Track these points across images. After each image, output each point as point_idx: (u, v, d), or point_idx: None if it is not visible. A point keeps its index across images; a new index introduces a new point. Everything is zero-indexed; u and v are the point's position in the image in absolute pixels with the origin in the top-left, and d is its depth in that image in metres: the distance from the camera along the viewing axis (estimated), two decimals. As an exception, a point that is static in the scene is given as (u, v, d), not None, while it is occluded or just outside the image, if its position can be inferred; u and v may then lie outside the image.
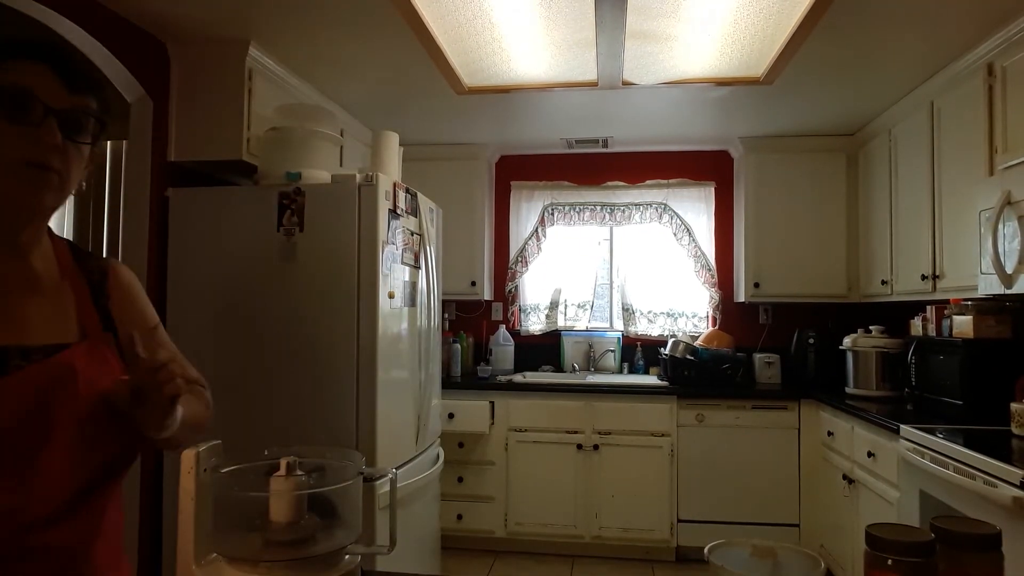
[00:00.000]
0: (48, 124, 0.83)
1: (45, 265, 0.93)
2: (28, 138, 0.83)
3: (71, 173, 0.87)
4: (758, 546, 0.79)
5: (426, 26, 2.49)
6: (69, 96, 0.86)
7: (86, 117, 0.88)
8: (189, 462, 0.80)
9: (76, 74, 0.88)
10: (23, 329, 0.87)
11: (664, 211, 4.36)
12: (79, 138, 0.87)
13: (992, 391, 2.51)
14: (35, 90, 0.84)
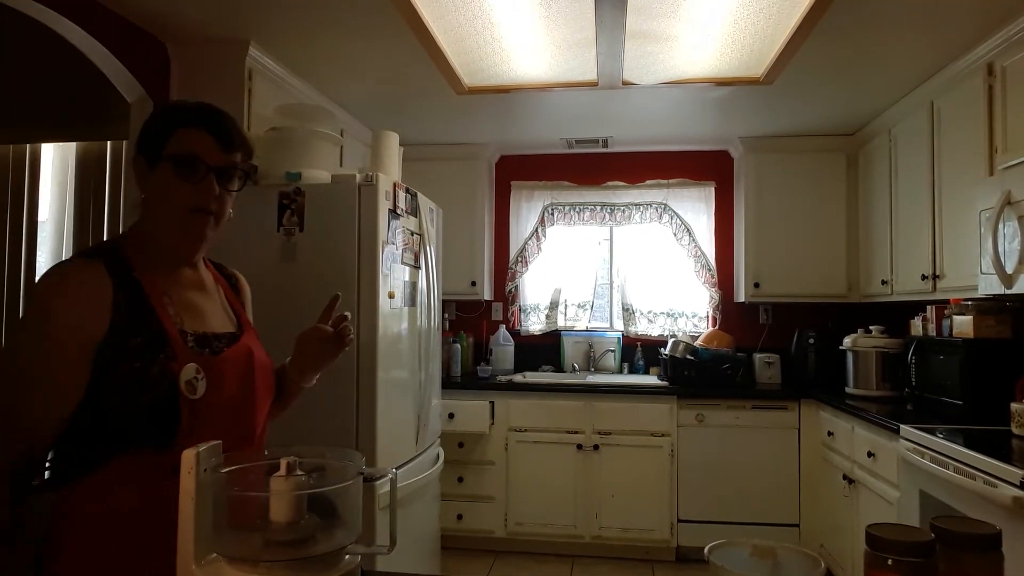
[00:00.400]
0: (208, 180, 1.12)
1: (206, 274, 1.26)
2: (194, 191, 1.11)
3: (224, 212, 1.17)
4: (758, 546, 0.79)
5: (426, 26, 2.49)
6: (223, 154, 1.13)
7: (235, 170, 1.16)
8: (189, 462, 0.80)
9: (228, 136, 1.14)
10: (206, 321, 1.19)
11: (664, 211, 4.36)
12: (230, 187, 1.16)
13: (992, 391, 2.51)
14: (200, 154, 1.11)
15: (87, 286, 1.06)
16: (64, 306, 1.05)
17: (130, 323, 1.07)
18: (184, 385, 1.07)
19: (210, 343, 1.16)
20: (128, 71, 2.46)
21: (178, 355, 1.08)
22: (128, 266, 1.12)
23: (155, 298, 1.11)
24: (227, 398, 1.13)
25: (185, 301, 1.17)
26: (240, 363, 1.18)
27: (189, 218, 1.13)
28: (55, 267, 1.09)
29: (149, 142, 1.13)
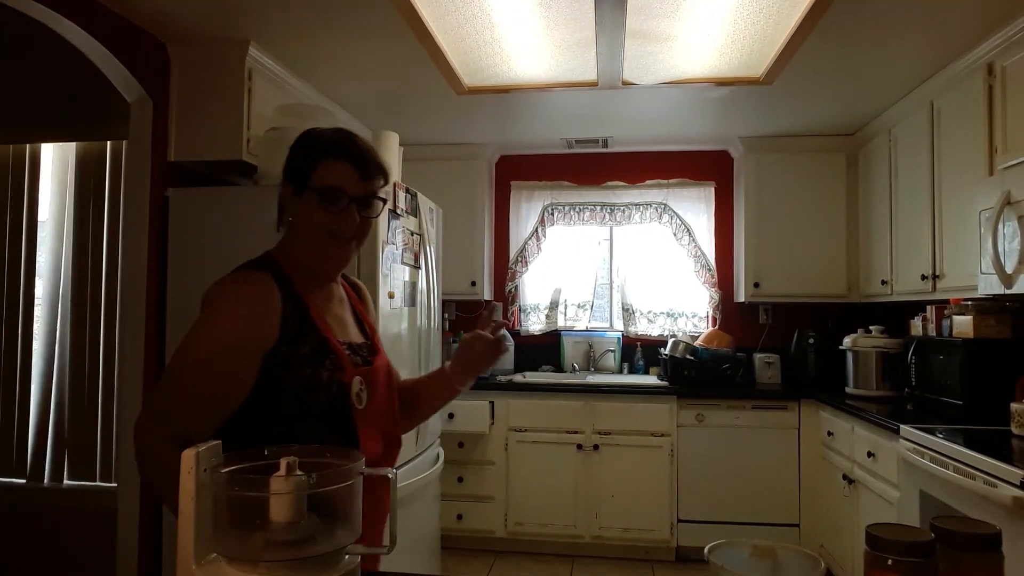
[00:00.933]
0: (349, 209, 1.19)
1: (339, 287, 1.34)
2: (336, 219, 1.19)
3: (365, 235, 1.25)
4: (758, 546, 0.79)
5: (426, 26, 2.49)
6: (363, 184, 1.20)
7: (375, 198, 1.22)
8: (189, 462, 0.80)
9: (368, 166, 1.20)
10: (348, 331, 1.28)
11: (664, 211, 4.36)
12: (369, 214, 1.23)
13: (992, 391, 2.51)
14: (343, 187, 1.18)
15: (261, 296, 1.16)
16: (238, 312, 1.14)
17: (298, 333, 1.16)
18: (354, 397, 1.17)
19: (359, 352, 1.26)
20: (128, 71, 2.46)
21: (345, 367, 1.18)
22: (289, 279, 1.21)
23: (314, 310, 1.21)
24: (379, 405, 1.24)
25: (332, 313, 1.27)
26: (383, 372, 1.27)
27: (332, 243, 1.21)
28: (229, 275, 1.22)
29: (296, 172, 1.22)
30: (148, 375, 2.52)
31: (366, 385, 1.20)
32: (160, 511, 2.53)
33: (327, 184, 1.18)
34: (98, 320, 3.07)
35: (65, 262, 3.13)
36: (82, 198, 3.12)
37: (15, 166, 3.19)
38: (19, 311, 3.16)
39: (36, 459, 3.11)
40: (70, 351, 3.10)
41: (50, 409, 3.10)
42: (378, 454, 1.22)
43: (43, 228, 3.17)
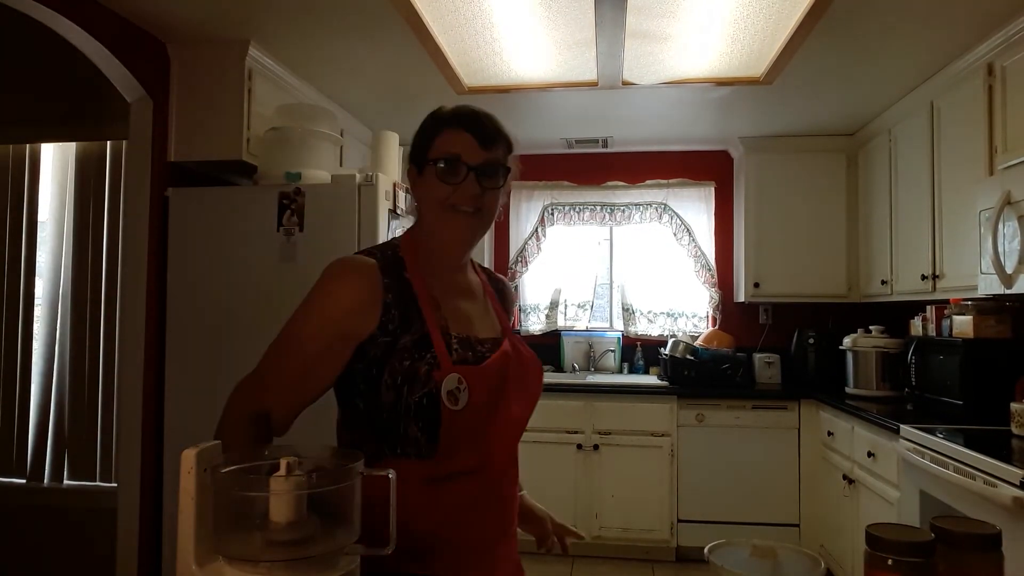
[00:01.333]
0: (468, 180, 1.12)
1: (475, 280, 1.27)
2: (455, 191, 1.12)
3: (489, 209, 1.16)
4: (758, 546, 0.79)
5: (426, 26, 2.49)
6: (482, 151, 1.13)
7: (496, 166, 1.15)
8: (189, 462, 0.80)
9: (487, 132, 1.15)
10: (473, 325, 1.19)
11: (664, 211, 4.36)
12: (491, 184, 1.15)
13: (992, 391, 2.51)
14: (459, 155, 1.12)
15: (360, 283, 1.13)
16: (335, 297, 1.14)
17: (401, 323, 1.11)
18: (445, 396, 1.06)
19: (473, 347, 1.15)
20: (128, 71, 2.46)
21: (441, 362, 1.09)
22: (401, 266, 1.17)
23: (423, 299, 1.14)
24: (481, 408, 1.10)
25: (453, 305, 1.18)
26: (495, 372, 1.15)
27: (453, 218, 1.15)
28: (339, 259, 1.20)
29: (417, 150, 1.20)
30: (148, 375, 2.52)
31: (468, 384, 1.08)
32: (160, 511, 2.53)
33: (444, 153, 1.14)
34: (98, 320, 3.07)
35: (65, 262, 3.13)
36: (82, 198, 3.12)
37: (15, 166, 3.19)
38: (19, 311, 3.16)
39: (36, 459, 3.11)
40: (70, 351, 3.10)
41: (50, 409, 3.10)
42: (472, 465, 1.10)
43: (43, 228, 3.17)
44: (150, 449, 2.52)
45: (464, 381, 1.08)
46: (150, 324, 2.53)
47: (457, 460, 1.09)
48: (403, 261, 1.18)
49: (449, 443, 1.07)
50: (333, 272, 1.18)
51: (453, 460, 1.08)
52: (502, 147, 1.18)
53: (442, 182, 1.13)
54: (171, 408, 2.50)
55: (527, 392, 1.20)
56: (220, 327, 2.46)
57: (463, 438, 1.08)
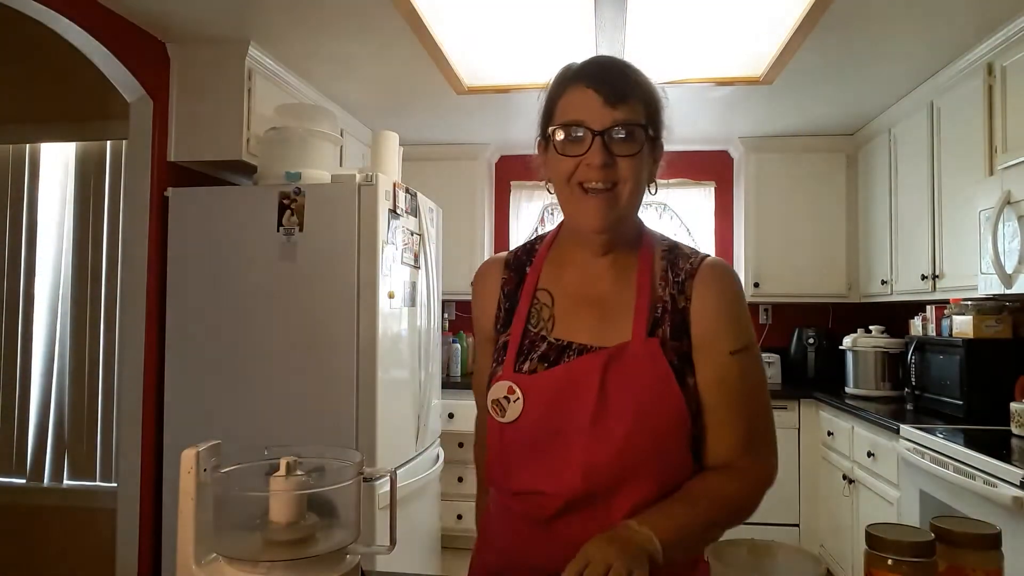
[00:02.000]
0: (594, 148, 0.92)
1: (629, 266, 1.01)
2: (580, 165, 0.93)
3: (625, 184, 0.94)
4: (758, 546, 0.78)
5: (426, 26, 2.49)
6: (611, 111, 0.92)
7: (630, 127, 0.93)
8: (189, 462, 0.80)
9: (616, 87, 0.93)
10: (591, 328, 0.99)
11: (664, 211, 4.36)
12: (625, 151, 0.93)
13: (992, 391, 2.51)
14: (581, 119, 0.93)
15: (483, 282, 1.09)
16: (473, 301, 1.12)
17: (504, 320, 1.03)
18: (491, 405, 0.96)
19: (566, 354, 0.97)
20: (128, 71, 2.46)
21: (504, 367, 0.97)
22: (532, 256, 1.07)
23: (526, 294, 1.03)
24: (545, 427, 0.94)
25: (573, 302, 1.01)
26: (561, 383, 0.95)
27: (580, 198, 0.96)
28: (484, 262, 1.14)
29: (542, 119, 1.01)
30: (148, 375, 2.52)
31: (523, 395, 0.94)
32: (160, 511, 2.53)
33: (564, 119, 0.95)
34: (98, 320, 3.07)
35: (65, 262, 3.13)
36: (82, 198, 3.12)
37: (15, 166, 3.19)
38: (19, 311, 3.16)
39: (36, 459, 3.11)
40: (70, 351, 3.10)
41: (50, 409, 3.10)
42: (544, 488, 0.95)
43: (43, 228, 3.17)
44: (150, 449, 2.52)
45: (518, 391, 0.95)
46: (150, 324, 2.53)
47: (522, 478, 0.97)
48: (536, 250, 1.08)
49: (504, 458, 0.98)
50: (477, 273, 1.14)
51: (515, 478, 0.97)
52: (639, 103, 0.95)
53: (564, 155, 0.95)
54: (171, 408, 2.50)
55: (629, 410, 0.92)
56: (220, 327, 2.46)
57: (522, 454, 0.96)
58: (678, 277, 0.99)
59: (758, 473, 0.98)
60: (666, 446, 0.93)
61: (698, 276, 0.98)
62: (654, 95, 0.97)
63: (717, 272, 0.99)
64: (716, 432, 0.96)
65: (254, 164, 2.63)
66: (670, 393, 0.93)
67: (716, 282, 0.98)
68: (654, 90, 0.98)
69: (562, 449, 0.94)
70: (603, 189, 0.94)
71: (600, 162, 0.92)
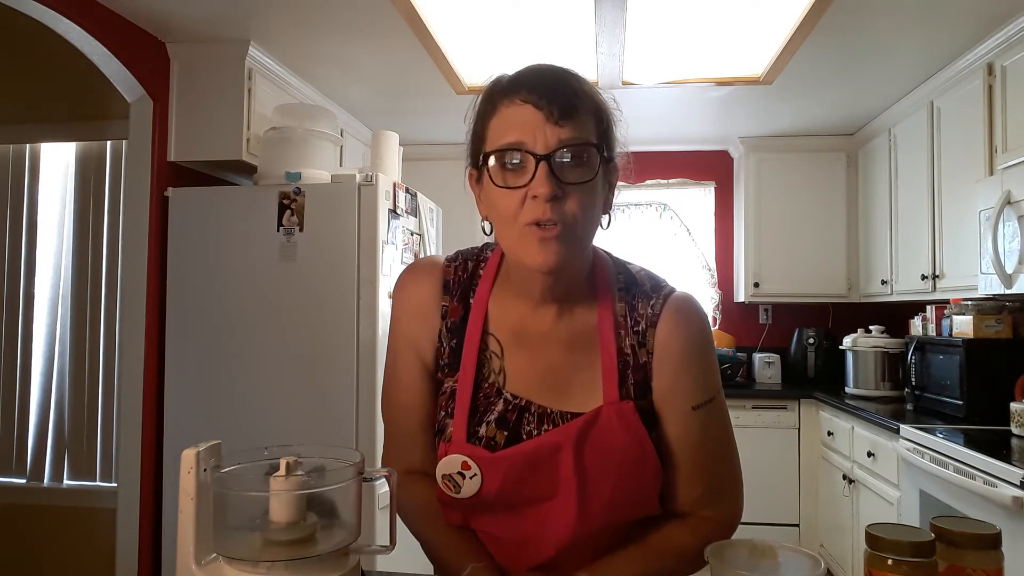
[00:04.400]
0: (537, 177, 0.76)
1: (586, 315, 0.88)
2: (524, 198, 0.77)
3: (578, 221, 0.78)
4: (758, 546, 0.78)
5: (426, 26, 2.49)
6: (553, 127, 0.77)
7: (581, 147, 0.78)
8: (189, 462, 0.80)
9: (563, 99, 0.78)
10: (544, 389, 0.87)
11: (664, 211, 4.36)
12: (577, 176, 0.77)
13: (992, 391, 2.51)
14: (520, 141, 0.78)
15: (417, 293, 0.91)
16: (399, 314, 0.92)
17: (450, 360, 0.88)
18: (441, 480, 0.84)
19: (522, 422, 0.85)
20: (128, 71, 2.46)
21: (455, 430, 0.85)
22: (474, 282, 0.90)
23: (472, 335, 0.87)
24: (511, 505, 0.85)
25: (524, 355, 0.87)
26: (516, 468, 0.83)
27: (528, 240, 0.79)
28: (412, 263, 0.96)
29: (473, 144, 0.87)
30: (148, 375, 2.52)
31: (480, 472, 0.83)
32: (160, 511, 2.53)
33: (500, 143, 0.79)
34: (98, 320, 3.07)
35: (65, 262, 3.13)
36: (82, 198, 3.12)
37: (15, 166, 3.19)
38: (19, 311, 3.16)
39: (36, 459, 3.11)
40: (70, 351, 3.10)
41: (50, 409, 3.10)
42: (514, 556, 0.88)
43: (43, 228, 3.17)
44: (150, 449, 2.52)
45: (474, 466, 0.82)
46: (150, 324, 2.53)
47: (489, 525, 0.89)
48: (477, 274, 0.91)
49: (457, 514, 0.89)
50: (400, 279, 0.96)
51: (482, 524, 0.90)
52: (588, 118, 0.80)
53: (504, 187, 0.79)
54: (171, 408, 2.50)
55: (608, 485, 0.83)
56: (220, 327, 2.46)
57: (483, 523, 0.88)
58: (637, 326, 0.87)
59: (720, 520, 0.91)
60: (645, 509, 0.87)
61: (660, 325, 0.86)
62: (605, 108, 0.83)
63: (681, 318, 0.87)
64: (679, 484, 0.89)
65: (254, 164, 2.63)
66: (647, 458, 0.84)
67: (680, 332, 0.86)
68: (604, 102, 0.83)
69: (531, 525, 0.85)
70: (556, 228, 0.77)
71: (548, 193, 0.76)
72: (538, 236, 0.78)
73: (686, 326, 0.87)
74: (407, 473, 0.96)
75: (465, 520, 0.90)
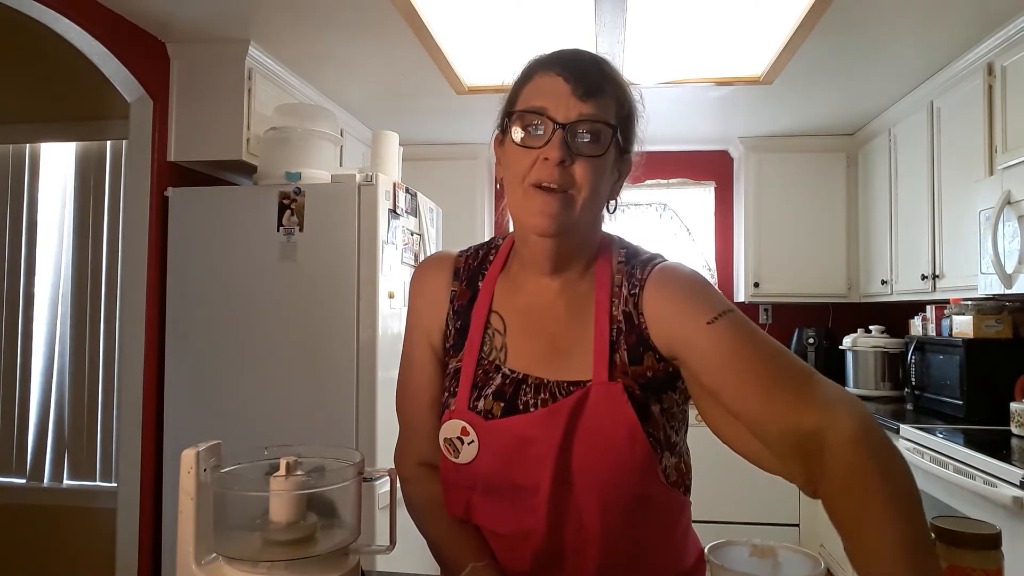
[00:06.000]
0: (552, 143, 0.82)
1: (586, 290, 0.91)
2: (536, 160, 0.83)
3: (580, 190, 0.84)
4: (758, 546, 0.78)
5: (426, 26, 2.49)
6: (579, 103, 0.83)
7: (596, 124, 0.83)
8: (189, 462, 0.80)
9: (589, 77, 0.84)
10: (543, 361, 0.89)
11: (664, 211, 4.36)
12: (587, 150, 0.83)
13: (992, 391, 2.51)
14: (544, 107, 0.83)
15: (429, 283, 0.98)
16: (413, 301, 0.99)
17: (455, 341, 0.94)
18: (443, 443, 0.89)
19: (520, 393, 0.88)
20: (128, 71, 2.46)
21: (458, 399, 0.90)
22: (483, 270, 0.96)
23: (478, 316, 0.92)
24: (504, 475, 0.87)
25: (524, 329, 0.91)
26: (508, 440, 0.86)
27: (530, 199, 0.84)
28: (428, 257, 1.03)
29: (504, 108, 0.91)
30: (148, 375, 2.52)
31: (478, 438, 0.87)
32: (160, 511, 2.53)
33: (524, 107, 0.85)
34: (98, 320, 3.07)
35: (65, 262, 3.13)
36: (82, 198, 3.12)
37: (15, 166, 3.19)
38: (19, 311, 3.16)
39: (36, 459, 3.11)
40: (70, 351, 3.10)
41: (50, 409, 3.10)
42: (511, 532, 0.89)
43: (43, 228, 3.17)
44: (150, 449, 2.52)
45: (472, 433, 0.87)
46: (150, 324, 2.53)
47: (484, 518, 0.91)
48: (488, 260, 0.97)
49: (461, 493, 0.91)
50: (416, 271, 1.02)
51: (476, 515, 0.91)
52: (611, 101, 0.85)
53: (522, 146, 0.84)
54: (171, 408, 2.50)
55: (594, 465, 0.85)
56: (220, 327, 2.46)
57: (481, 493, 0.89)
58: (633, 289, 0.89)
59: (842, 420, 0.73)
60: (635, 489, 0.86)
61: (648, 283, 0.88)
62: (630, 99, 0.88)
63: (665, 272, 0.89)
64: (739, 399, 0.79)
65: (254, 164, 2.63)
66: (636, 439, 0.84)
67: (666, 280, 0.88)
68: (631, 94, 0.88)
69: (525, 498, 0.86)
70: (556, 191, 0.83)
71: (558, 157, 0.81)
72: (541, 198, 0.83)
73: (672, 273, 0.89)
74: (417, 466, 1.00)
75: (468, 511, 0.92)
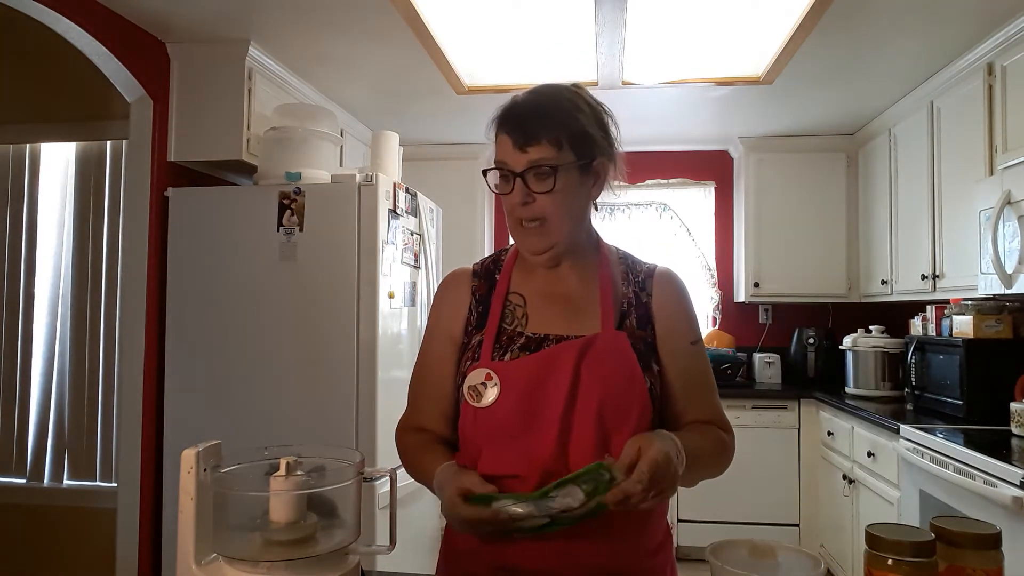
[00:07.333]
0: (514, 189, 1.02)
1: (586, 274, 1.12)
2: (510, 203, 1.04)
3: (551, 213, 1.03)
4: (758, 546, 0.79)
5: (426, 26, 2.49)
6: (520, 153, 1.01)
7: (539, 167, 1.01)
8: (189, 462, 0.80)
9: (522, 129, 1.01)
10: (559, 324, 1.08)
11: (664, 211, 4.36)
12: (541, 188, 1.02)
13: (992, 391, 2.51)
14: (504, 161, 1.03)
15: (453, 288, 1.18)
16: (436, 306, 1.20)
17: (478, 321, 1.11)
18: (467, 390, 1.03)
19: (541, 346, 1.05)
20: (128, 71, 2.46)
21: (482, 356, 1.05)
22: (499, 266, 1.17)
23: (499, 297, 1.12)
24: (520, 411, 1.01)
25: (542, 302, 1.10)
26: (529, 373, 1.02)
27: (520, 230, 1.07)
28: (449, 272, 1.24)
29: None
30: (148, 375, 2.52)
31: (500, 381, 1.01)
32: (160, 511, 2.53)
33: (495, 162, 1.06)
34: (98, 320, 3.07)
35: (65, 262, 3.13)
36: (82, 198, 3.12)
37: (15, 166, 3.19)
38: (19, 311, 3.16)
39: (36, 459, 3.11)
40: (70, 351, 3.10)
41: (50, 409, 3.10)
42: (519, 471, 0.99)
43: (43, 228, 3.17)
44: (150, 449, 2.52)
45: (495, 376, 1.01)
46: (150, 324, 2.53)
47: (494, 463, 1.00)
48: (502, 261, 1.18)
49: (475, 443, 1.02)
50: (442, 281, 1.23)
51: (487, 462, 1.01)
52: (550, 143, 1.01)
53: (500, 193, 1.06)
54: (171, 408, 2.50)
55: (597, 392, 1.00)
56: (220, 327, 2.46)
57: (494, 438, 1.01)
58: (638, 277, 1.13)
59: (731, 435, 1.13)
60: (628, 424, 1.01)
61: (656, 277, 1.13)
62: (579, 119, 1.03)
63: (672, 275, 1.16)
64: (692, 409, 1.10)
65: (254, 164, 2.63)
66: (635, 380, 1.03)
67: (673, 282, 1.15)
68: (576, 118, 1.03)
69: (536, 431, 1.00)
70: (533, 223, 1.04)
71: (519, 200, 1.02)
72: (523, 231, 1.06)
73: (677, 279, 1.16)
74: (412, 429, 1.17)
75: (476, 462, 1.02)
